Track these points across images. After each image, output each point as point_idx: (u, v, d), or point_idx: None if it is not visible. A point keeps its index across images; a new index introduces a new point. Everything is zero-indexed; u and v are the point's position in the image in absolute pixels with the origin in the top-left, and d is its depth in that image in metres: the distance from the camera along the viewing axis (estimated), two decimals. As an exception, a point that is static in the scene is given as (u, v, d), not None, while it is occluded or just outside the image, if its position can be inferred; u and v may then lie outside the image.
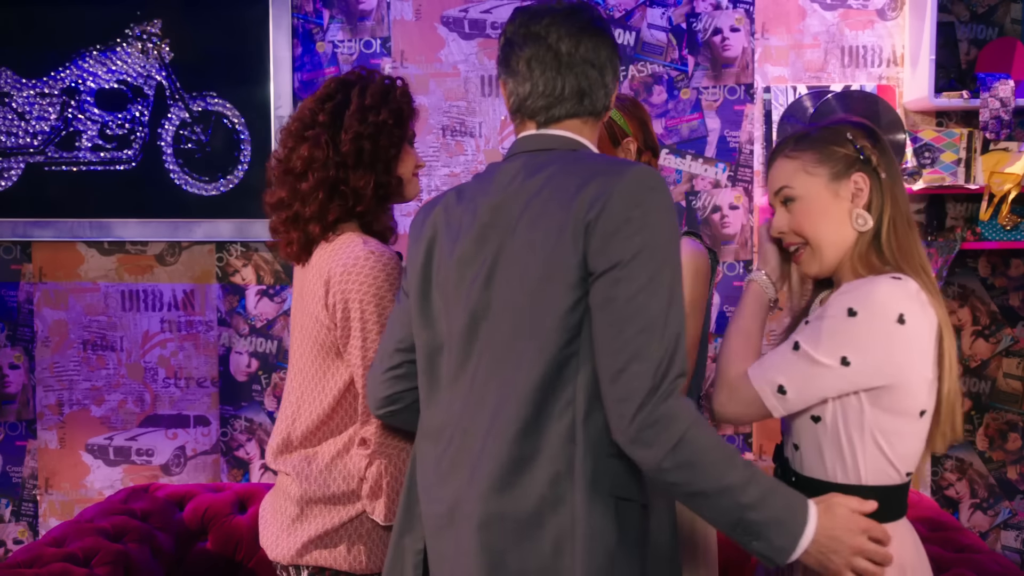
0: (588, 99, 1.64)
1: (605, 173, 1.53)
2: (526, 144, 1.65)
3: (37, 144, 3.16)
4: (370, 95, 2.00)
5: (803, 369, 1.61)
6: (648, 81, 3.16)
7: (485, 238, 1.59)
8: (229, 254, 3.20)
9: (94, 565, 2.50)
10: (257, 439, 3.20)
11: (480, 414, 1.58)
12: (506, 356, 1.56)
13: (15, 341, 3.21)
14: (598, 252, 1.48)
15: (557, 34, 1.61)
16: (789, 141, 1.76)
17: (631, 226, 1.47)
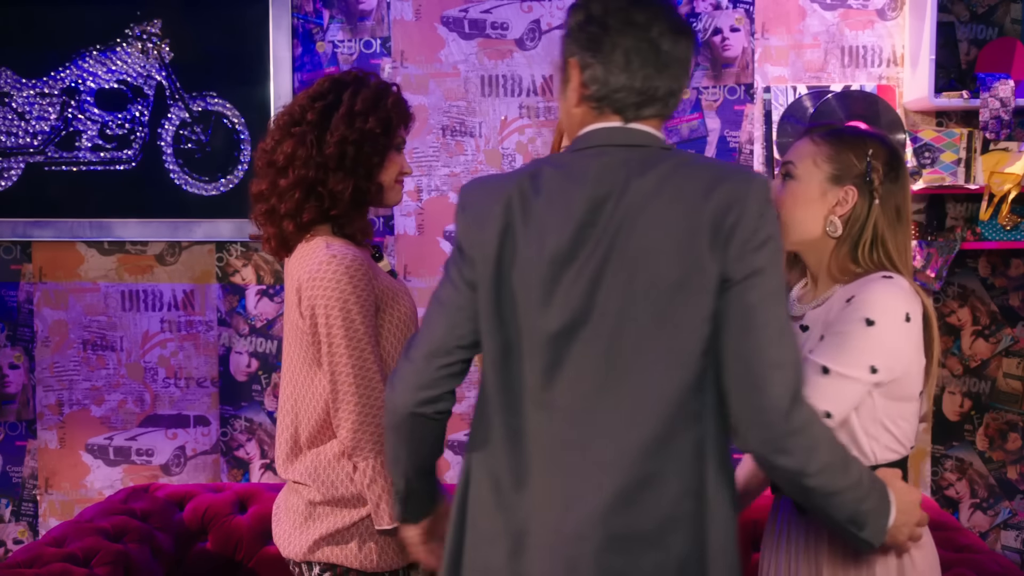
0: (673, 101, 1.56)
1: (731, 178, 1.46)
2: (613, 137, 1.53)
3: (37, 144, 3.16)
4: (361, 100, 1.99)
5: (839, 389, 1.68)
6: (648, 81, 3.15)
7: (586, 236, 1.47)
8: (229, 254, 3.20)
9: (94, 565, 2.50)
10: (257, 439, 3.20)
11: (591, 428, 1.48)
12: (624, 367, 1.47)
13: (15, 341, 3.21)
14: (737, 259, 1.42)
15: (659, 29, 1.50)
16: (823, 128, 1.88)
17: (763, 233, 1.43)
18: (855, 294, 1.72)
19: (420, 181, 3.17)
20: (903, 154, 1.88)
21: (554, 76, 3.18)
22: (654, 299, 1.44)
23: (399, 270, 3.17)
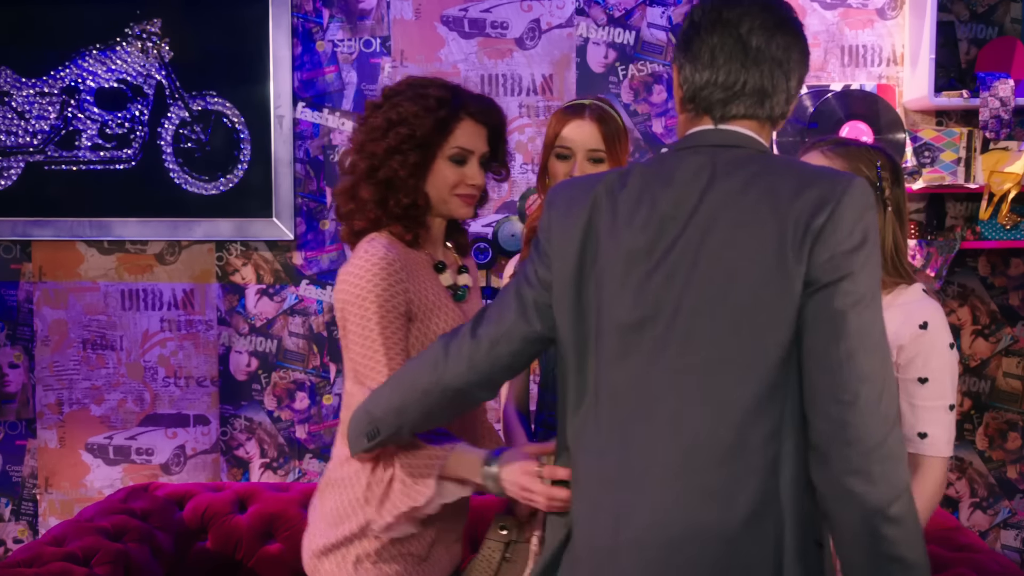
0: (769, 101, 1.50)
1: (826, 179, 1.41)
2: (705, 138, 1.51)
3: (37, 143, 3.16)
4: (397, 111, 1.94)
5: (950, 420, 1.89)
6: (648, 80, 3.16)
7: (666, 233, 1.44)
8: (229, 253, 3.20)
9: (94, 564, 2.50)
10: (257, 438, 3.20)
11: (661, 432, 1.42)
12: (694, 366, 1.41)
13: (15, 340, 3.21)
14: (825, 262, 1.35)
15: (750, 25, 1.49)
16: (829, 141, 1.99)
17: (857, 236, 1.36)
18: (925, 318, 1.87)
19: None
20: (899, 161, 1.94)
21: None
22: (731, 300, 1.39)
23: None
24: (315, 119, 3.18)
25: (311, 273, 3.19)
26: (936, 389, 1.86)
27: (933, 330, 1.86)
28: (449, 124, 1.94)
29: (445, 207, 2.00)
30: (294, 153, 3.15)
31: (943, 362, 1.86)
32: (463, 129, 1.97)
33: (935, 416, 1.86)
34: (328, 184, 3.17)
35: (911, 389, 1.87)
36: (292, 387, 3.20)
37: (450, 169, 1.96)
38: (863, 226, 1.37)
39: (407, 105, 1.93)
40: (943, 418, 1.86)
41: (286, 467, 3.21)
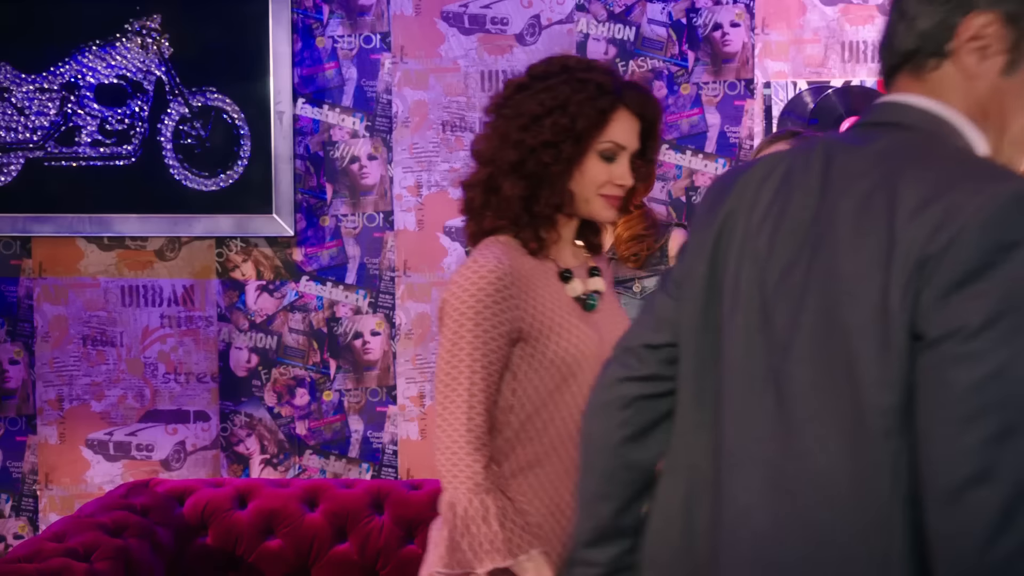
0: (925, 45, 1.16)
1: (966, 181, 1.04)
2: (866, 115, 1.24)
3: (36, 139, 3.16)
4: (544, 98, 1.71)
5: None
6: (648, 76, 3.15)
7: (795, 232, 1.15)
8: (229, 249, 3.20)
9: (94, 560, 2.50)
10: (257, 434, 3.20)
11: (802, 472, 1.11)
12: (789, 418, 1.13)
13: (15, 336, 3.21)
14: (931, 308, 0.99)
15: None
16: (787, 134, 1.97)
17: (986, 272, 0.97)
18: None
19: (420, 176, 3.16)
20: None
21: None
22: (826, 342, 1.08)
23: (398, 266, 3.17)
24: (315, 115, 3.17)
25: (311, 269, 3.19)
26: None
27: None
28: (607, 115, 1.72)
29: (587, 208, 1.78)
30: (294, 149, 3.15)
31: None
32: (619, 122, 1.74)
33: None
34: (328, 180, 3.17)
35: None
36: (292, 383, 3.20)
37: (599, 166, 1.74)
38: (1003, 258, 0.97)
39: (565, 90, 1.70)
40: None
41: (286, 463, 3.21)
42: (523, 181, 1.72)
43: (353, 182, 3.18)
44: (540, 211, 1.74)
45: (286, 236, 3.15)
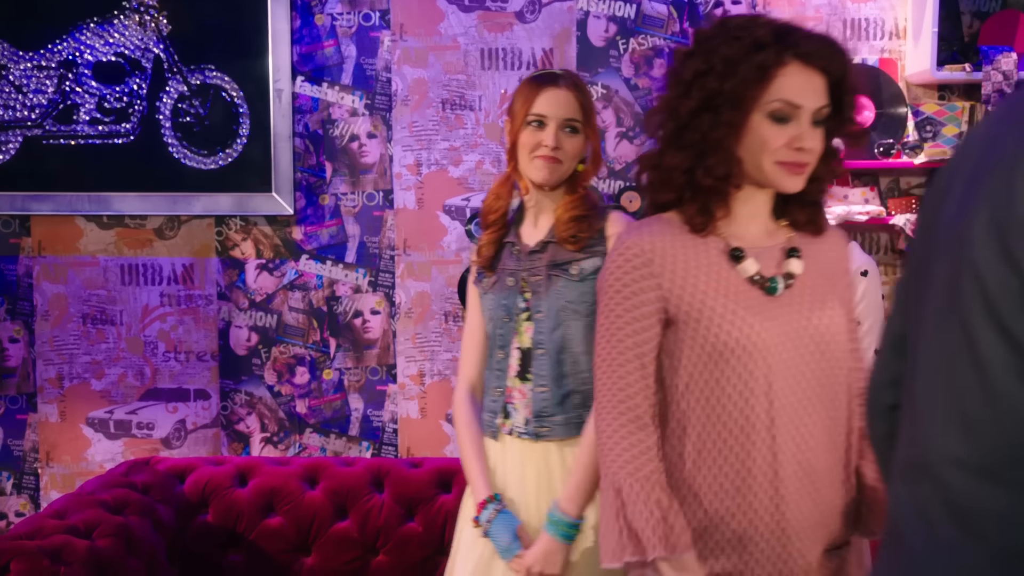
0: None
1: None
2: None
3: (35, 117, 3.14)
4: (712, 58, 1.56)
5: None
6: (649, 54, 3.14)
7: (965, 199, 0.99)
8: (228, 228, 3.19)
9: (96, 537, 2.51)
10: (257, 413, 3.21)
11: None
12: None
13: (15, 315, 3.21)
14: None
15: None
16: None
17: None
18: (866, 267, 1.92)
19: (420, 155, 3.15)
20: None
21: None
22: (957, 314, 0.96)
23: (398, 245, 3.16)
24: (314, 93, 3.16)
25: (311, 248, 3.18)
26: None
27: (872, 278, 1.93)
28: (769, 70, 1.53)
29: (762, 175, 1.59)
30: (293, 127, 3.14)
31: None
32: (789, 77, 1.54)
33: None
34: (327, 159, 3.16)
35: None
36: (292, 362, 3.21)
37: (770, 129, 1.55)
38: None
39: (718, 49, 1.55)
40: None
41: (286, 441, 3.22)
42: (684, 151, 1.59)
43: (352, 161, 3.17)
44: (703, 183, 1.59)
45: (285, 215, 3.14)
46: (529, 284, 2.07)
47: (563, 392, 2.05)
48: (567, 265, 2.05)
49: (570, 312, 2.04)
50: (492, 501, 2.05)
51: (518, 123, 2.05)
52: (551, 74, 2.10)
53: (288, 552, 2.92)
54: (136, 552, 2.60)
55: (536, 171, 2.04)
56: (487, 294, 2.15)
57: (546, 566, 1.98)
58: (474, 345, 2.20)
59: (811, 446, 1.61)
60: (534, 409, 2.06)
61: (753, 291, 1.61)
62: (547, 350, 2.05)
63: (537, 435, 2.06)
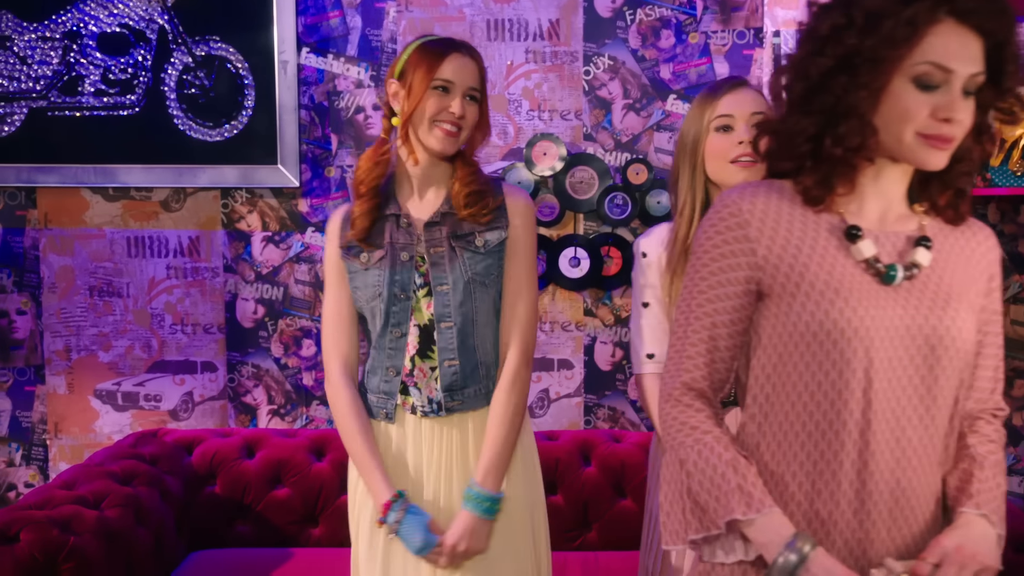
0: None
1: None
2: None
3: (39, 89, 3.13)
4: (854, 12, 1.37)
5: None
6: (656, 25, 3.11)
7: None
8: (234, 200, 3.19)
9: (104, 507, 2.53)
10: (264, 385, 3.22)
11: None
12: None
13: (22, 287, 3.21)
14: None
15: None
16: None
17: None
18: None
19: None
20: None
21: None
22: None
23: (405, 217, 3.15)
24: (320, 65, 3.14)
25: (317, 220, 3.18)
26: None
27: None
28: (919, 27, 1.33)
29: (900, 149, 1.40)
30: (299, 99, 3.13)
31: None
32: (941, 36, 1.33)
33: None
34: (333, 131, 3.15)
35: None
36: (299, 334, 3.21)
37: (913, 95, 1.35)
38: None
39: (866, 1, 1.35)
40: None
41: (293, 414, 3.23)
42: (811, 116, 1.40)
43: (358, 132, 3.16)
44: (832, 152, 1.40)
45: (291, 187, 3.14)
46: (429, 257, 2.02)
47: (472, 364, 2.03)
48: (470, 236, 2.01)
49: (477, 284, 2.02)
50: (397, 499, 1.98)
51: (420, 89, 1.95)
52: (452, 41, 2.01)
53: (295, 523, 2.94)
54: (145, 522, 2.62)
55: (437, 140, 1.97)
56: (369, 269, 2.04)
57: (471, 542, 1.96)
58: (344, 322, 2.11)
59: (910, 462, 1.43)
60: (443, 384, 2.02)
61: (865, 277, 1.42)
62: (454, 323, 2.01)
63: (449, 410, 2.03)
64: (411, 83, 1.96)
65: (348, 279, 2.09)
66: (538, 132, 3.13)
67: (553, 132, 3.13)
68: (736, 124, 2.02)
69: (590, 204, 3.12)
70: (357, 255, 2.06)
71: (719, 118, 2.03)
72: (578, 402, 3.19)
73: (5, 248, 3.19)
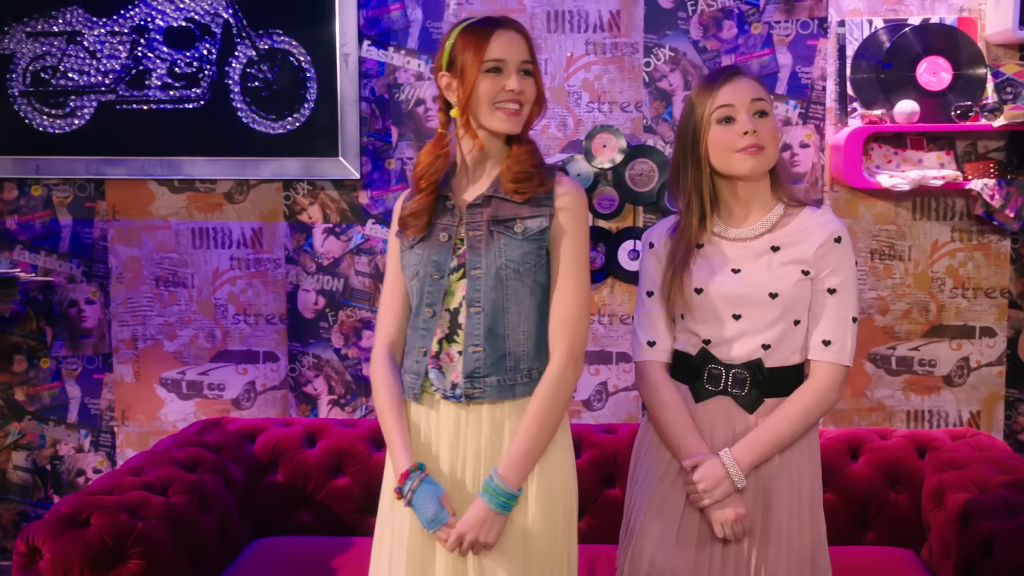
0: None
1: None
2: None
3: (108, 83, 3.19)
4: None
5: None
6: (718, 16, 3.08)
7: None
8: (296, 192, 3.22)
9: (171, 494, 2.58)
10: (325, 375, 3.25)
11: None
12: None
13: (91, 277, 3.28)
14: None
15: None
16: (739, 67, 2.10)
17: None
18: (840, 233, 2.02)
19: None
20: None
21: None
22: None
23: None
24: (380, 57, 3.16)
25: (377, 212, 3.20)
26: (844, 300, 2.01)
27: (846, 244, 2.01)
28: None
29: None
30: (359, 92, 3.15)
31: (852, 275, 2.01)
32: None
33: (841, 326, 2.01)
34: (393, 123, 3.17)
35: (818, 299, 2.02)
36: (359, 325, 3.24)
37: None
38: None
39: None
40: (849, 328, 2.02)
41: (353, 404, 3.26)
42: None
43: (418, 125, 3.17)
44: None
45: (352, 179, 3.16)
46: (468, 239, 1.98)
47: (498, 354, 1.96)
48: (510, 222, 1.95)
49: (510, 272, 1.95)
50: (415, 471, 1.95)
51: (472, 73, 1.91)
52: (493, 18, 1.97)
53: (356, 512, 2.97)
54: (209, 509, 2.67)
55: (501, 121, 1.93)
56: (413, 248, 2.02)
57: (481, 534, 1.90)
58: (395, 302, 2.09)
59: None
60: (465, 370, 1.96)
61: None
62: (483, 309, 1.96)
63: (469, 397, 1.96)
64: (462, 69, 1.92)
65: (401, 259, 2.07)
66: (598, 124, 3.11)
67: (613, 124, 3.11)
68: (737, 114, 2.01)
69: (649, 196, 3.10)
70: (406, 235, 2.04)
71: (719, 109, 2.01)
72: (636, 395, 3.18)
73: (75, 239, 3.27)
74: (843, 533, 2.82)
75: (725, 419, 2.05)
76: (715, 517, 2.00)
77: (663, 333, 2.12)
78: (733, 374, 2.04)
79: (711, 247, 2.08)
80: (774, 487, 2.03)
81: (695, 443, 2.03)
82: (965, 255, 3.08)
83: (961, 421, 3.12)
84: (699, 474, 1.99)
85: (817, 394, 2.01)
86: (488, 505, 1.91)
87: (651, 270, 2.14)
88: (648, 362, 2.13)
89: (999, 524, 2.34)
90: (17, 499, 3.32)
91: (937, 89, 2.98)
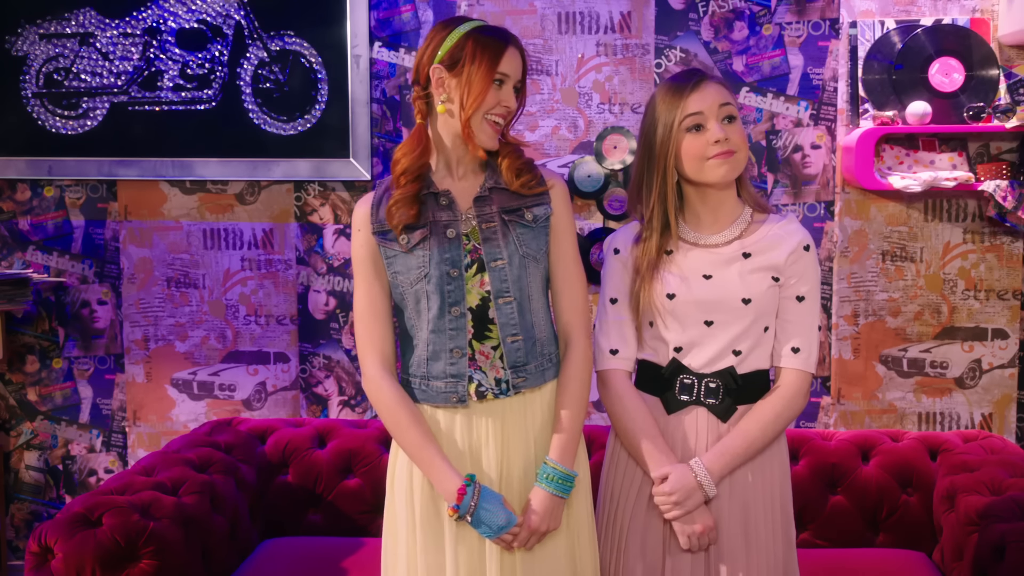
0: None
1: None
2: None
3: (121, 84, 3.21)
4: None
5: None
6: (729, 17, 3.08)
7: None
8: (307, 193, 3.23)
9: (182, 494, 2.58)
10: (335, 376, 3.26)
11: None
12: None
13: (103, 278, 3.29)
14: None
15: None
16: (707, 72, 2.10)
17: None
18: (808, 242, 2.05)
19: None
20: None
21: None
22: None
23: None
24: (391, 59, 3.17)
25: (387, 213, 3.20)
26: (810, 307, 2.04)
27: (813, 252, 2.04)
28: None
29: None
30: (371, 93, 3.16)
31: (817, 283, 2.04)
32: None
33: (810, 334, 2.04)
34: (404, 124, 3.17)
35: (787, 306, 2.04)
36: (369, 326, 3.24)
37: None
38: None
39: None
40: (816, 336, 2.05)
41: (363, 405, 3.27)
42: None
43: (429, 126, 3.18)
44: None
45: (363, 180, 3.17)
46: (481, 232, 1.99)
47: (532, 340, 2.01)
48: (519, 211, 2.00)
49: (530, 259, 2.01)
50: (470, 484, 1.92)
51: (483, 84, 1.93)
52: (504, 32, 1.99)
53: (366, 512, 2.97)
54: (220, 509, 2.68)
55: (488, 136, 1.97)
56: (412, 251, 1.98)
57: (552, 522, 1.96)
58: (377, 315, 2.03)
59: None
60: (509, 361, 1.99)
61: None
62: (513, 297, 1.98)
63: (516, 387, 1.99)
64: (470, 76, 1.93)
65: (386, 266, 2.02)
66: (608, 125, 3.11)
67: (624, 125, 3.11)
68: (707, 122, 2.00)
69: (661, 198, 3.10)
70: (395, 239, 1.99)
71: (688, 118, 1.99)
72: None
73: (87, 240, 3.28)
74: (854, 535, 2.82)
75: (700, 430, 2.04)
76: (682, 530, 1.99)
77: (627, 341, 2.10)
78: (706, 383, 2.03)
79: (680, 253, 2.06)
80: (750, 500, 2.03)
81: (663, 452, 2.02)
82: (977, 257, 3.07)
83: (973, 423, 3.11)
84: (670, 485, 1.98)
85: (785, 401, 2.02)
86: (550, 491, 1.96)
87: (616, 277, 2.12)
88: (611, 371, 2.10)
89: (1012, 527, 2.33)
90: (29, 499, 3.34)
91: (949, 90, 2.97)
